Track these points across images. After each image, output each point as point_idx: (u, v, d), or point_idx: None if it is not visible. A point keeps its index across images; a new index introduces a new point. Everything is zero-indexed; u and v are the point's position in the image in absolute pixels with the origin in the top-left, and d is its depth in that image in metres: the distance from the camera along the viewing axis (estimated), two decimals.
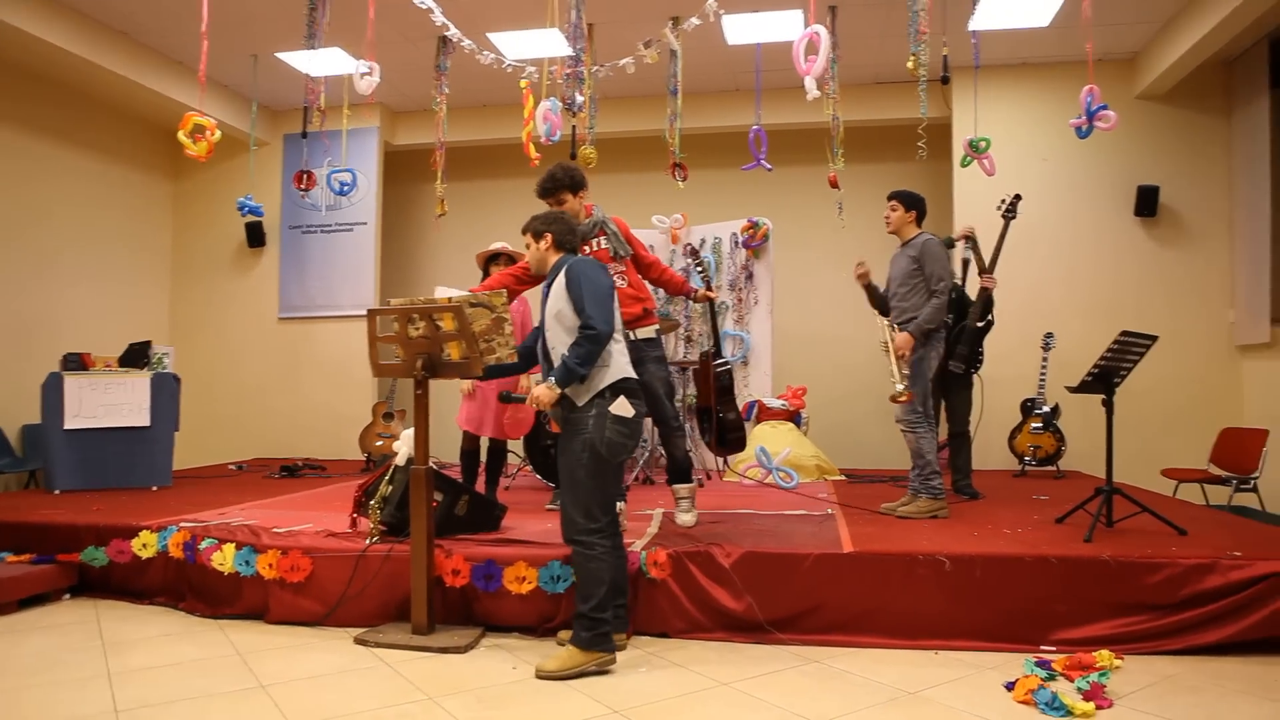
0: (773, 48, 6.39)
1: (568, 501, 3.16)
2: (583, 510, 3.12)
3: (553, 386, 3.09)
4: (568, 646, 3.14)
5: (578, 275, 3.20)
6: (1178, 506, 4.76)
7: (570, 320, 3.16)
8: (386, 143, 8.31)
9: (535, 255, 3.40)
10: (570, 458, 3.13)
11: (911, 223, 4.53)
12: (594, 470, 3.09)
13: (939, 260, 4.36)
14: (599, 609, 3.08)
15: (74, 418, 5.44)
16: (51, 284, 7.09)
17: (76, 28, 6.27)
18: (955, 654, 3.31)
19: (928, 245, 4.40)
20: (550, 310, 3.23)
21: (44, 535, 4.28)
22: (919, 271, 4.37)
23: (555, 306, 3.21)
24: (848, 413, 7.69)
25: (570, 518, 3.14)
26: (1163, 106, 7.01)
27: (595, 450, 3.09)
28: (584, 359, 3.09)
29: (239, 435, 8.16)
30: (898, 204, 4.54)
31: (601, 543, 3.11)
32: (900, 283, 4.47)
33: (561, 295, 3.20)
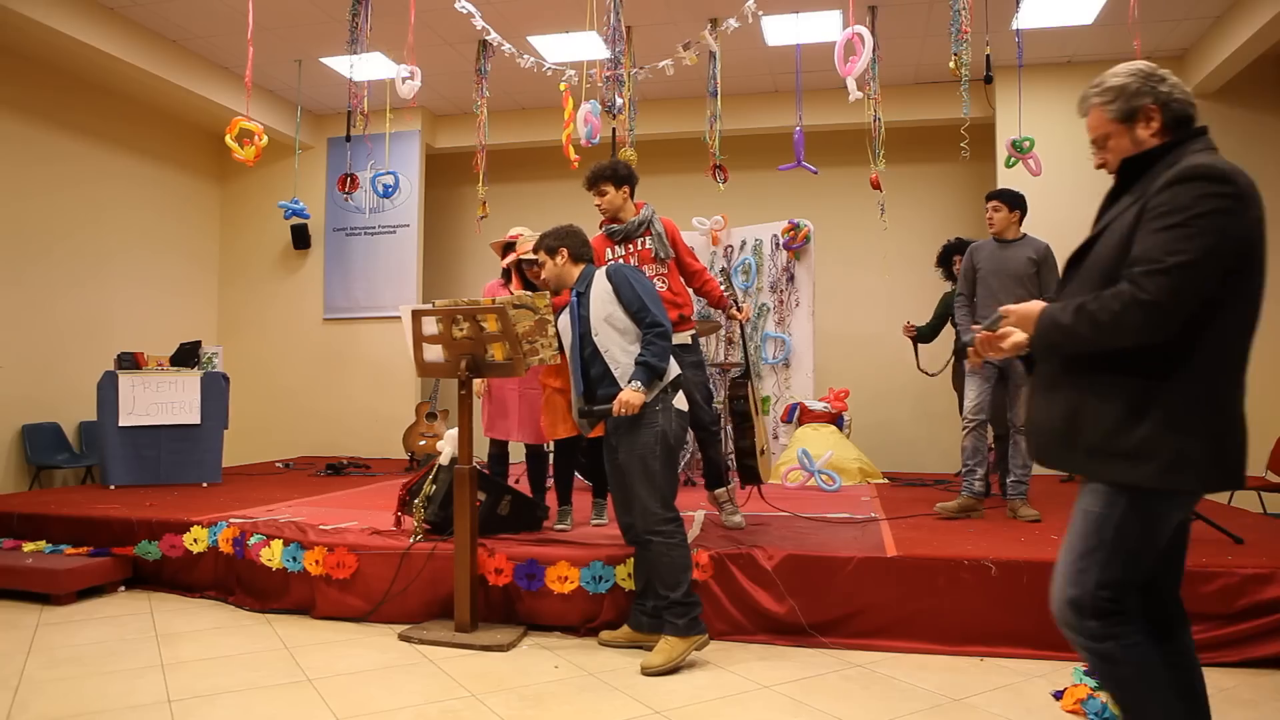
0: (812, 48, 6.36)
1: (643, 495, 3.19)
2: (659, 500, 3.19)
3: (639, 389, 3.15)
4: (666, 638, 3.17)
5: (625, 279, 3.30)
6: (1233, 514, 4.62)
7: (623, 322, 3.25)
8: (428, 146, 8.42)
9: (554, 271, 3.48)
10: (642, 451, 3.19)
11: (1016, 222, 4.56)
12: (666, 460, 3.21)
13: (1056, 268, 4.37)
14: (689, 594, 3.18)
15: (128, 415, 5.59)
16: (104, 284, 7.30)
17: (131, 37, 6.46)
18: (1001, 661, 3.26)
19: (1049, 251, 4.44)
20: (598, 315, 3.29)
21: (100, 529, 4.41)
22: (1038, 276, 4.40)
23: (604, 311, 3.28)
24: (890, 415, 7.61)
25: (648, 510, 3.18)
26: (1214, 104, 6.84)
27: (667, 441, 3.20)
28: (661, 355, 3.21)
29: (285, 434, 8.32)
30: (1000, 204, 4.56)
31: (679, 530, 3.21)
32: (1018, 283, 4.43)
33: (609, 299, 3.27)
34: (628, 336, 3.25)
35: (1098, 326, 1.81)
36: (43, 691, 2.92)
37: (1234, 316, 1.84)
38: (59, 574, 3.98)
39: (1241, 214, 1.77)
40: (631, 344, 3.26)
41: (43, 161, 6.75)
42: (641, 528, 3.20)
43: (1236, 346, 1.88)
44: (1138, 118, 1.93)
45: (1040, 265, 4.44)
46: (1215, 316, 1.81)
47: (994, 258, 4.57)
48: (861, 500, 5.18)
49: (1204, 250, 1.74)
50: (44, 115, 6.76)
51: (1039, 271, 4.42)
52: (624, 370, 3.23)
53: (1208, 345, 1.83)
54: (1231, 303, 1.82)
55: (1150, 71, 1.94)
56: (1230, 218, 1.76)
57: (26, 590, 4.02)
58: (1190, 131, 1.93)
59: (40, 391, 6.63)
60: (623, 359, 3.25)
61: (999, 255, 4.57)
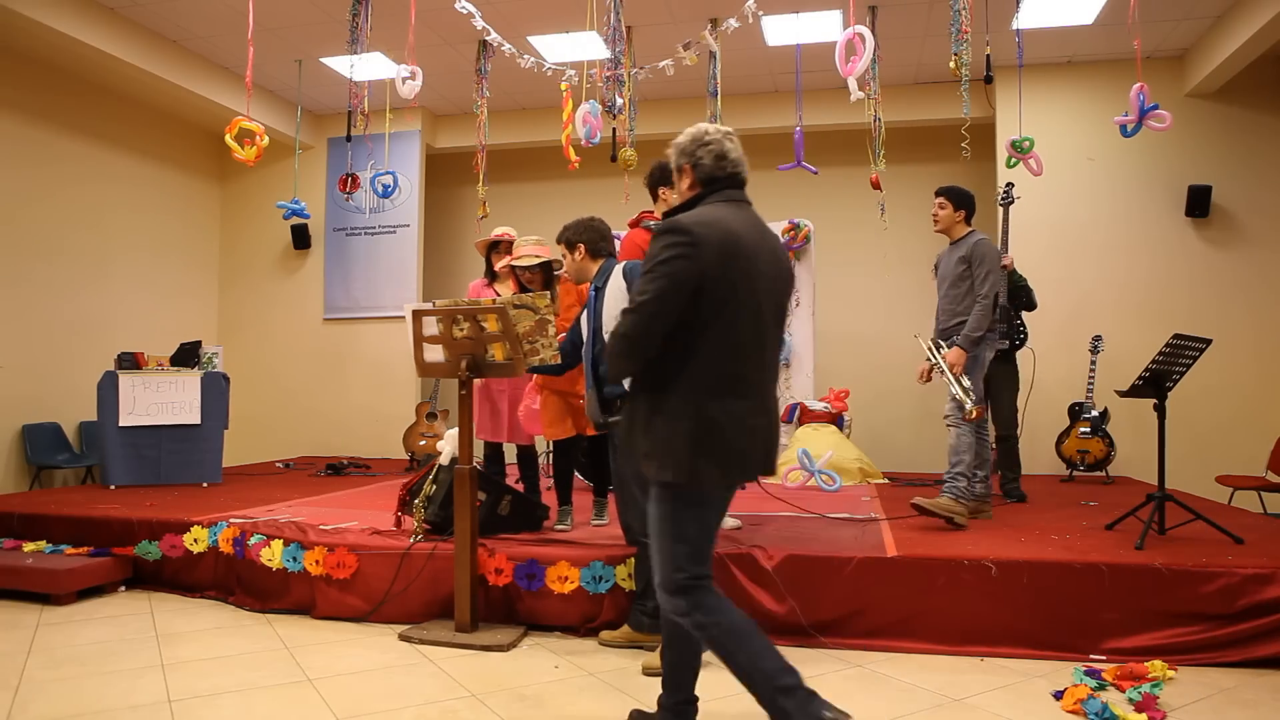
0: (812, 48, 6.36)
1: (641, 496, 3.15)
2: None
3: None
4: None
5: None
6: (1234, 514, 4.63)
7: None
8: (428, 146, 8.42)
9: (572, 266, 3.50)
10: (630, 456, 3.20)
11: (961, 221, 4.40)
12: None
13: (990, 263, 4.22)
14: None
15: (128, 415, 5.59)
16: (105, 284, 7.30)
17: (131, 37, 6.46)
18: (1002, 661, 3.26)
19: (979, 246, 4.26)
20: (611, 312, 3.26)
21: (100, 529, 4.41)
22: (969, 273, 4.25)
23: (617, 308, 3.21)
24: (891, 415, 7.61)
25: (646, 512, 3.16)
26: (1214, 104, 6.84)
27: None
28: None
29: (285, 434, 8.32)
30: (946, 201, 4.41)
31: None
32: (951, 285, 4.35)
33: (622, 298, 3.23)
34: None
35: (608, 353, 2.30)
36: (43, 691, 2.92)
37: (715, 337, 2.21)
38: (59, 574, 3.98)
39: (696, 259, 2.16)
40: None
41: (43, 162, 6.75)
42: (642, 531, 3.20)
43: (726, 361, 2.23)
44: (681, 174, 2.41)
45: (969, 263, 4.26)
46: (698, 338, 2.20)
47: (941, 259, 4.47)
48: (861, 500, 5.19)
49: (658, 291, 2.17)
50: (44, 116, 6.76)
51: (969, 268, 4.24)
52: None
53: (696, 362, 2.21)
54: (712, 326, 2.20)
55: (698, 136, 2.38)
56: (685, 262, 2.16)
57: (27, 590, 4.02)
58: (712, 188, 2.35)
59: (40, 391, 6.63)
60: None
61: (944, 257, 4.47)
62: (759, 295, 2.26)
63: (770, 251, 2.34)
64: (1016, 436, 5.32)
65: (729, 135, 2.40)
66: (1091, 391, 6.24)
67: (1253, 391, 6.62)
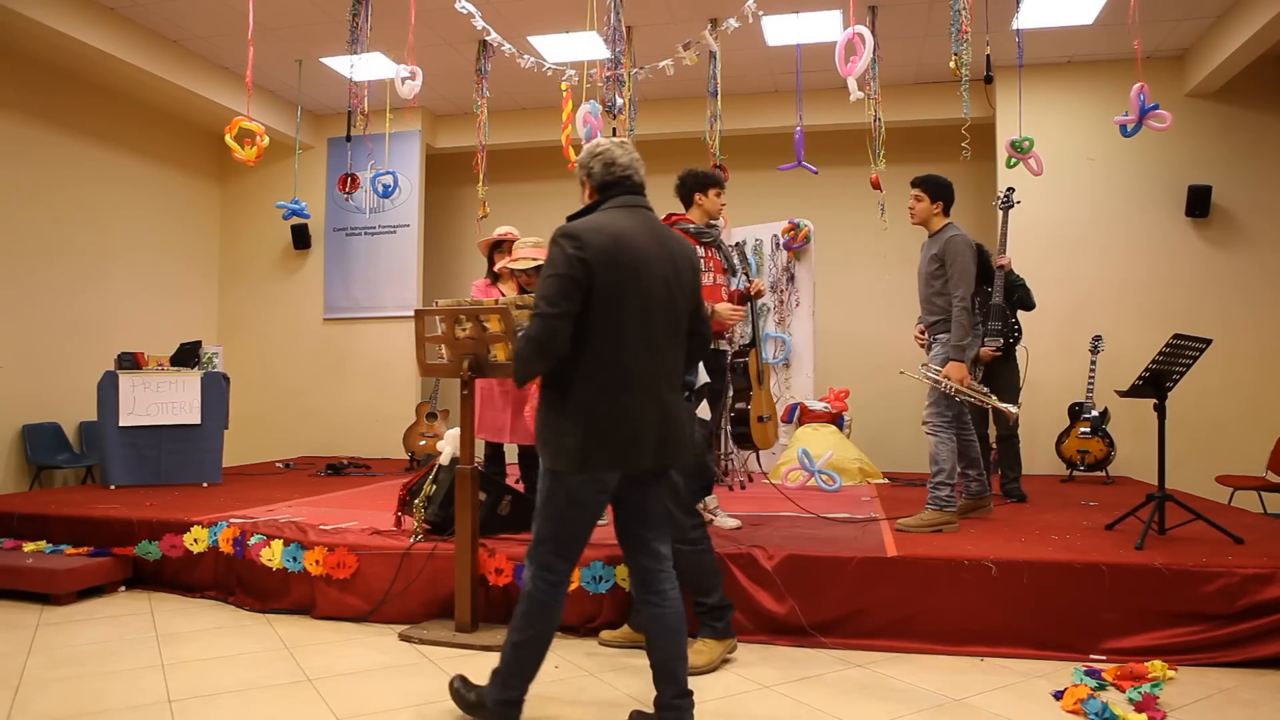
0: (812, 48, 6.36)
1: (671, 505, 3.13)
2: (685, 509, 3.18)
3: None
4: (704, 640, 3.17)
5: None
6: (1234, 514, 4.63)
7: None
8: (428, 146, 8.42)
9: None
10: None
11: (938, 214, 4.20)
12: (695, 471, 3.21)
13: (961, 261, 4.03)
14: (724, 598, 3.22)
15: (128, 415, 5.59)
16: (105, 284, 7.30)
17: (131, 37, 6.46)
18: (1002, 661, 3.27)
19: (951, 243, 4.07)
20: None
21: (100, 529, 4.41)
22: (942, 270, 4.10)
23: None
24: (891, 415, 7.61)
25: (676, 521, 3.14)
26: (1214, 104, 6.84)
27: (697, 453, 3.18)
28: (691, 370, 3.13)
29: (285, 434, 8.32)
30: (921, 193, 4.19)
31: (705, 534, 3.22)
32: (926, 283, 4.22)
33: None
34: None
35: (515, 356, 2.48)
36: (43, 691, 2.92)
37: (604, 333, 2.36)
38: (59, 574, 3.98)
39: (584, 261, 2.32)
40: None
41: (43, 162, 6.75)
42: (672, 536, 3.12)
43: (614, 356, 2.37)
44: (583, 186, 2.63)
45: (942, 261, 4.09)
46: (589, 334, 2.36)
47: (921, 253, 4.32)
48: (861, 500, 5.19)
49: (555, 294, 2.33)
50: (44, 116, 6.76)
51: (942, 267, 4.09)
52: None
53: (587, 356, 2.36)
54: (601, 323, 2.35)
55: (590, 149, 2.62)
56: (575, 265, 2.32)
57: (27, 590, 4.02)
58: (607, 194, 2.55)
59: (40, 391, 6.63)
60: None
61: (922, 251, 4.30)
62: (648, 295, 2.40)
63: (664, 253, 2.48)
64: (1017, 436, 5.31)
65: (621, 144, 2.59)
66: (1091, 391, 6.24)
67: (1253, 391, 6.62)
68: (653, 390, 2.43)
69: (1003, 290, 5.11)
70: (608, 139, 2.63)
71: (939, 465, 4.10)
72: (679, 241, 2.60)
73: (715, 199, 4.08)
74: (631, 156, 2.59)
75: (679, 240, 2.60)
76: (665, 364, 2.48)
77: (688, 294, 2.55)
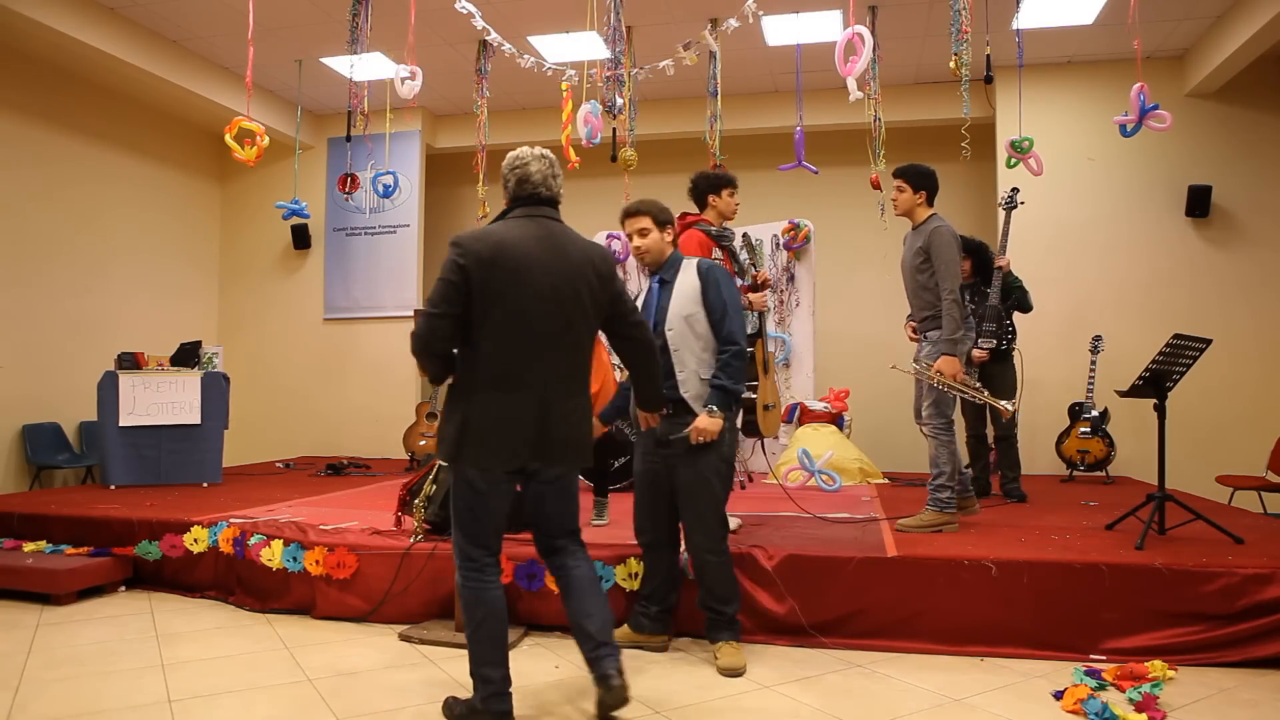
0: (812, 48, 6.36)
1: (707, 514, 3.14)
2: (719, 520, 3.19)
3: (717, 415, 3.03)
4: (731, 644, 3.19)
5: (717, 281, 3.13)
6: (1234, 514, 4.63)
7: (703, 326, 3.11)
8: (428, 145, 8.42)
9: (658, 245, 3.21)
10: (707, 471, 3.10)
11: (922, 204, 4.09)
12: (727, 479, 3.22)
13: (947, 253, 3.94)
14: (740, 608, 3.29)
15: (128, 415, 5.59)
16: (105, 284, 7.30)
17: (131, 37, 6.46)
18: (1002, 661, 3.27)
19: (936, 235, 3.97)
20: (678, 311, 3.13)
21: (100, 529, 4.41)
22: (927, 264, 4.02)
23: (686, 308, 3.12)
24: (891, 415, 7.59)
25: (710, 530, 3.15)
26: (1214, 104, 6.84)
27: (729, 462, 3.21)
28: (738, 378, 3.10)
29: (285, 434, 8.32)
30: (904, 184, 4.08)
31: (727, 544, 3.23)
32: (911, 276, 4.15)
33: (693, 297, 3.12)
34: (701, 342, 3.09)
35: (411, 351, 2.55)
36: (43, 691, 2.92)
37: (487, 337, 2.49)
38: (59, 574, 3.98)
39: (464, 268, 2.46)
40: (703, 352, 3.11)
41: (43, 162, 6.75)
42: (703, 546, 3.16)
43: (495, 358, 2.49)
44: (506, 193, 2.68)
45: (927, 254, 4.00)
46: (475, 337, 2.50)
47: (904, 246, 4.22)
48: (861, 500, 5.19)
49: (436, 295, 2.49)
50: (44, 116, 6.76)
51: (927, 261, 4.00)
52: (689, 376, 3.09)
53: (474, 358, 2.51)
54: (483, 327, 2.48)
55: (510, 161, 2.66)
56: (456, 270, 2.46)
57: (27, 590, 4.02)
58: (514, 205, 2.65)
59: (40, 391, 6.63)
60: (690, 364, 3.10)
61: (905, 243, 4.21)
62: (529, 299, 2.50)
63: (556, 260, 2.55)
64: (1016, 436, 5.31)
65: (540, 157, 2.65)
66: (1091, 391, 6.24)
67: (1253, 391, 6.62)
68: (535, 391, 2.52)
69: (1000, 291, 5.10)
70: (530, 150, 2.67)
71: (939, 467, 4.09)
72: (585, 250, 2.64)
73: (729, 199, 4.06)
74: (546, 171, 2.64)
75: (587, 249, 2.64)
76: (557, 366, 2.56)
77: (588, 299, 2.60)
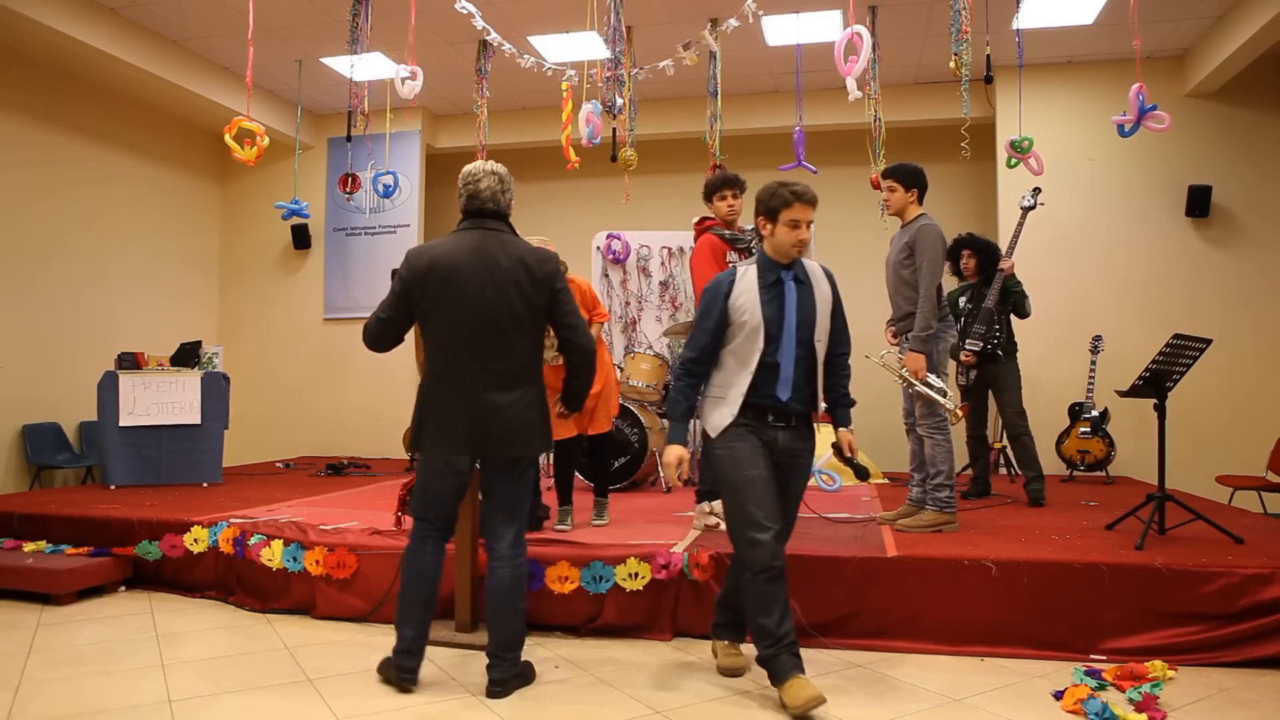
0: (812, 48, 6.36)
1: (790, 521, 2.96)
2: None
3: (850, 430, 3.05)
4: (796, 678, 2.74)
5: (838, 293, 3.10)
6: (1234, 514, 4.63)
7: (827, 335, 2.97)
8: (428, 145, 8.42)
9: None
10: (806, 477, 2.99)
11: (913, 202, 4.08)
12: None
13: (932, 250, 3.93)
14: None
15: (128, 415, 5.59)
16: (105, 285, 7.30)
17: (131, 37, 6.46)
18: (1002, 661, 3.26)
19: (923, 232, 3.96)
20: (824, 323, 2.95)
21: (100, 529, 4.41)
22: (911, 260, 4.01)
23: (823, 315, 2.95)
24: (891, 415, 7.58)
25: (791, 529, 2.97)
26: (1214, 104, 6.85)
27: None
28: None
29: (285, 434, 8.32)
30: (895, 184, 4.09)
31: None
32: (894, 272, 4.13)
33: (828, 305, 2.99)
34: (821, 346, 2.92)
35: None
36: (43, 691, 2.92)
37: (429, 339, 2.88)
38: (59, 574, 3.98)
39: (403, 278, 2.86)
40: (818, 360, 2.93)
41: (43, 162, 6.75)
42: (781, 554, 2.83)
43: (436, 359, 2.86)
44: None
45: (913, 249, 3.98)
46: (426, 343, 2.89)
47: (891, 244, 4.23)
48: (861, 500, 5.19)
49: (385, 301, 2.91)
50: (44, 116, 6.76)
51: (911, 257, 3.99)
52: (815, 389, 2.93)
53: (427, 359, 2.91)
54: (425, 331, 2.88)
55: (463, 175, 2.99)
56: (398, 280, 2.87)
57: (27, 590, 4.02)
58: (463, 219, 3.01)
59: (40, 391, 6.63)
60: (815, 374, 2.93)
61: (893, 241, 4.21)
62: (460, 306, 2.78)
63: (488, 267, 2.81)
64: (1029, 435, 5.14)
65: (490, 174, 2.92)
66: (1092, 391, 6.25)
67: (1253, 392, 6.62)
68: (469, 389, 2.81)
69: (998, 294, 5.01)
70: (482, 166, 2.94)
71: (937, 467, 4.08)
72: (520, 255, 2.85)
73: (719, 204, 4.10)
74: (495, 187, 2.92)
75: (522, 255, 2.85)
76: (489, 365, 2.80)
77: (519, 302, 2.80)
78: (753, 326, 2.83)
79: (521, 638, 2.92)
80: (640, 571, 3.53)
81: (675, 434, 2.92)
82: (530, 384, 2.87)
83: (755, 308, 2.84)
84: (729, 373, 2.87)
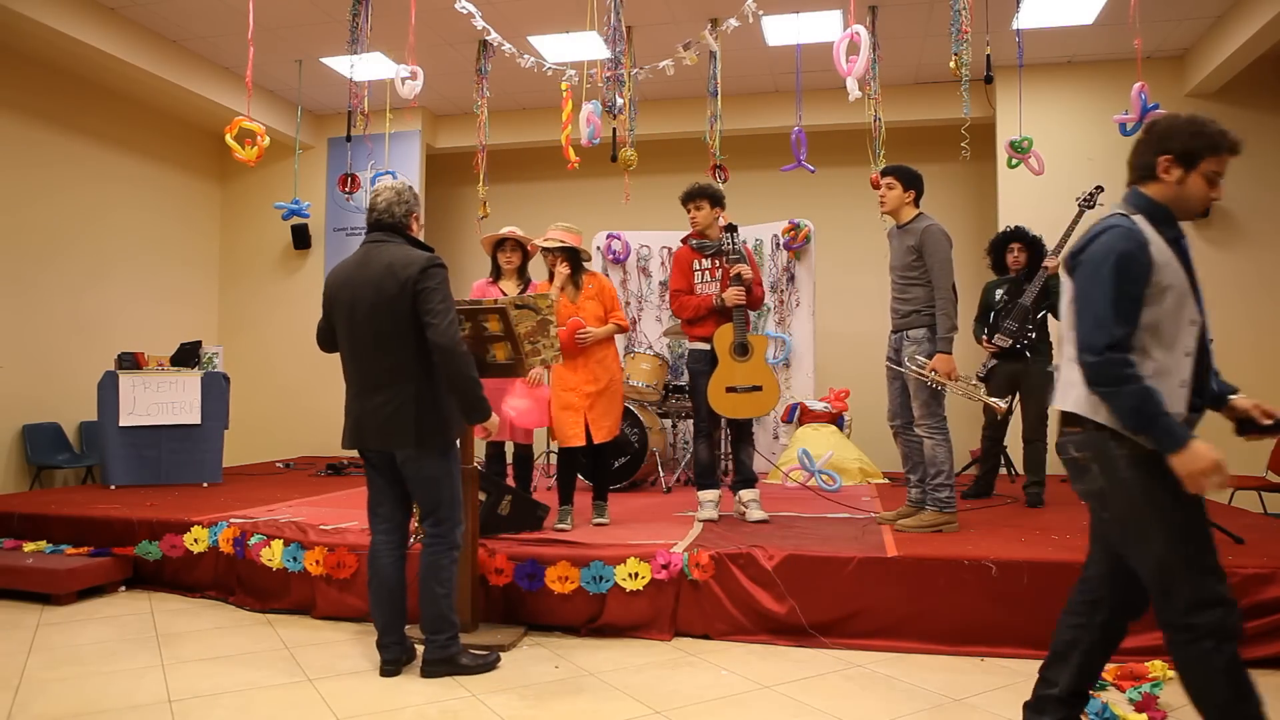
0: (813, 48, 6.36)
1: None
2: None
3: None
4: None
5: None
6: (1234, 514, 4.63)
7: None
8: (428, 146, 8.41)
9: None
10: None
11: (909, 203, 4.12)
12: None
13: (941, 253, 3.95)
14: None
15: (128, 415, 5.59)
16: (105, 285, 7.30)
17: (131, 37, 6.46)
18: (1002, 661, 3.26)
19: (930, 234, 3.97)
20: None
21: (100, 529, 4.41)
22: (919, 261, 4.03)
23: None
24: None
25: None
26: (1214, 104, 6.84)
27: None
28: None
29: (285, 434, 8.32)
30: (895, 181, 4.10)
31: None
32: (901, 274, 4.14)
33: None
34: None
35: None
36: (43, 691, 2.92)
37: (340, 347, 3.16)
38: (59, 574, 3.98)
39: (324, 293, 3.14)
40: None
41: (43, 162, 6.75)
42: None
43: (343, 363, 3.18)
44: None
45: (920, 252, 4.00)
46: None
47: (891, 246, 4.22)
48: (861, 500, 5.19)
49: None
50: (44, 116, 6.76)
51: (920, 256, 4.00)
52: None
53: None
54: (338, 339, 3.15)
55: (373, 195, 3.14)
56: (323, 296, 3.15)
57: (27, 590, 4.02)
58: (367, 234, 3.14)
59: (41, 391, 6.63)
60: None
61: (892, 243, 4.21)
62: (348, 314, 3.03)
63: (367, 277, 2.99)
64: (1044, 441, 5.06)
65: (389, 189, 3.08)
66: None
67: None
68: (352, 391, 3.12)
69: (1039, 292, 4.89)
70: (384, 182, 3.13)
71: (938, 467, 4.07)
72: (389, 261, 2.98)
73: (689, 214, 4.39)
74: (391, 199, 3.07)
75: (391, 260, 2.98)
76: (375, 367, 3.02)
77: (386, 306, 2.95)
78: (1180, 292, 2.13)
79: (444, 623, 3.05)
80: (640, 571, 3.53)
81: (1180, 433, 2.06)
82: (406, 382, 3.00)
83: (1176, 268, 2.15)
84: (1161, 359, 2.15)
